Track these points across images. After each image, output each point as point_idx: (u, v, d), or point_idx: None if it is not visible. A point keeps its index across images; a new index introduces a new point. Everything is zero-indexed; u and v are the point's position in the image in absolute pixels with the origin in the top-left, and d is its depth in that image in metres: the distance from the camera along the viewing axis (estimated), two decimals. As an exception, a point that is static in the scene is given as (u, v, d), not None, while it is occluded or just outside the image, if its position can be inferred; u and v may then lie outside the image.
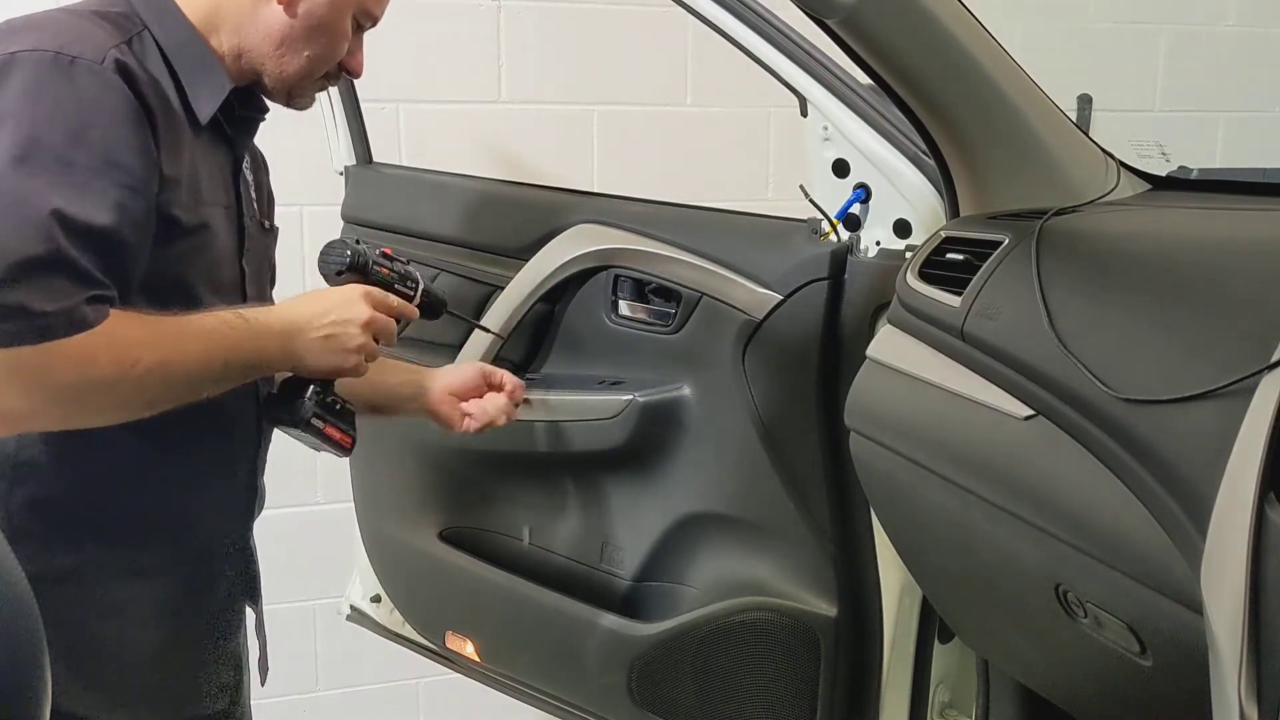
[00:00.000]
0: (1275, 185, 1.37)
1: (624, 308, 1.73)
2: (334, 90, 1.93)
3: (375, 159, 2.02)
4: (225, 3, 1.22)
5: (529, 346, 1.82)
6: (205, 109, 1.20)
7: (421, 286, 1.39)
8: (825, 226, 1.52)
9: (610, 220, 1.71)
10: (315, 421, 1.29)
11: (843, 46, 1.25)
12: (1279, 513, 0.78)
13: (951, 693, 1.65)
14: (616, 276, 1.71)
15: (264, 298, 1.36)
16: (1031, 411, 1.09)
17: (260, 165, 1.40)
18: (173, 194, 1.13)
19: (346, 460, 2.06)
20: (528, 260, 1.74)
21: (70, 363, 1.00)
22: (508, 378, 1.59)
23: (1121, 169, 1.41)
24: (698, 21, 1.51)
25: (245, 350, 1.15)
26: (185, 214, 1.15)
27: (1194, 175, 1.51)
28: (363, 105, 1.98)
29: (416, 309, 1.37)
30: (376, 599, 2.09)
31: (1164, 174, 1.47)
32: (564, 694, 1.84)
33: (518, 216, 1.81)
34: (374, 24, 1.32)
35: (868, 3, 1.17)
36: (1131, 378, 0.98)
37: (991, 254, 1.22)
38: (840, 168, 1.49)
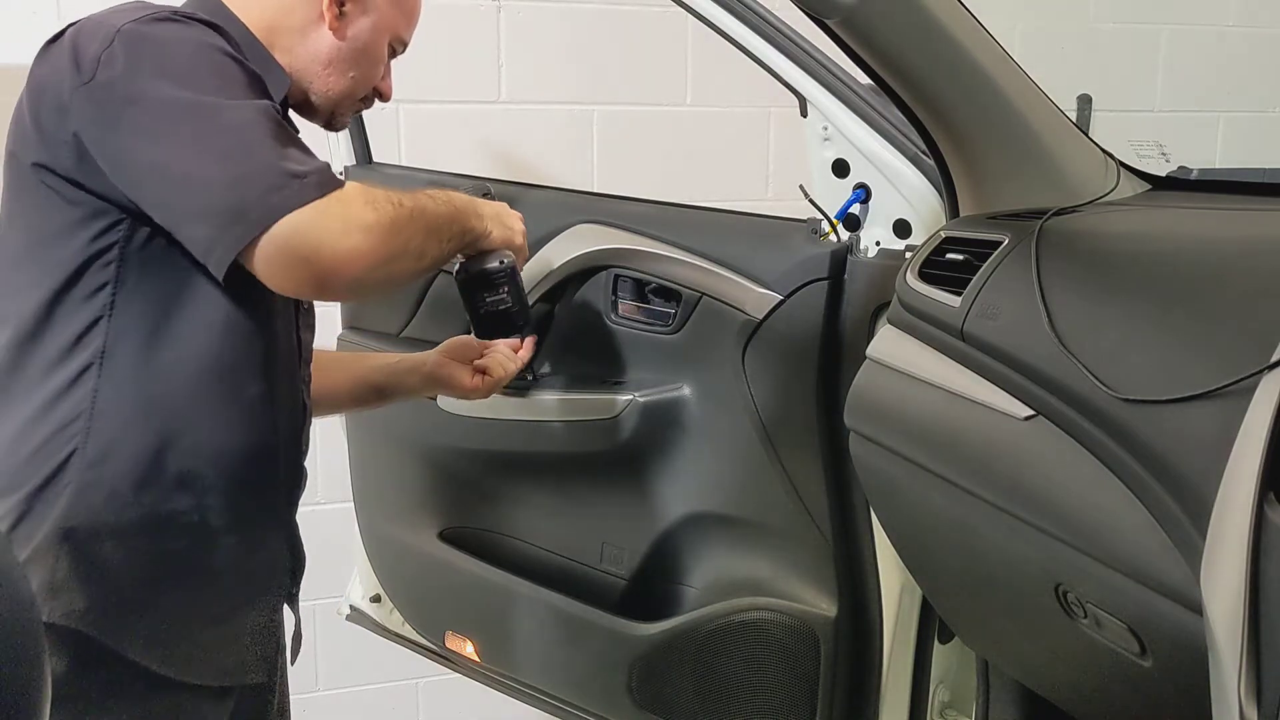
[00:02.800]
0: (1275, 185, 1.37)
1: (624, 308, 1.73)
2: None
3: (375, 159, 2.02)
4: (280, 21, 1.28)
5: (529, 346, 1.82)
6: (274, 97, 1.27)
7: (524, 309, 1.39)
8: (825, 226, 1.52)
9: (610, 220, 1.71)
10: (519, 276, 1.34)
11: (843, 46, 1.25)
12: (1279, 513, 0.78)
13: (951, 693, 1.65)
14: (616, 276, 1.71)
15: None
16: (1031, 411, 1.09)
17: None
18: None
19: (346, 460, 2.07)
20: (528, 260, 1.74)
21: (356, 204, 1.09)
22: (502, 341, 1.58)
23: (1121, 169, 1.41)
24: (698, 21, 1.51)
25: (461, 216, 1.24)
26: None
27: (1194, 175, 1.51)
28: (363, 105, 1.98)
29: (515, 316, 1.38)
30: (376, 599, 2.09)
31: (1164, 174, 1.47)
32: (564, 694, 1.84)
33: (517, 216, 1.81)
34: (404, 49, 1.39)
35: (868, 3, 1.17)
36: (1131, 378, 0.98)
37: (991, 254, 1.22)
38: (840, 168, 1.49)
